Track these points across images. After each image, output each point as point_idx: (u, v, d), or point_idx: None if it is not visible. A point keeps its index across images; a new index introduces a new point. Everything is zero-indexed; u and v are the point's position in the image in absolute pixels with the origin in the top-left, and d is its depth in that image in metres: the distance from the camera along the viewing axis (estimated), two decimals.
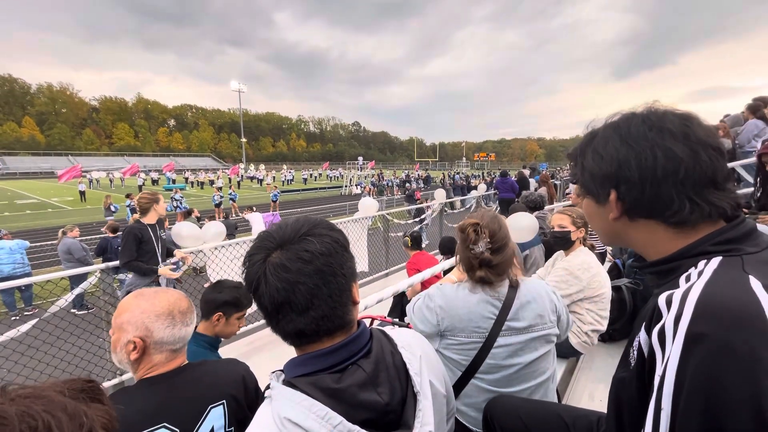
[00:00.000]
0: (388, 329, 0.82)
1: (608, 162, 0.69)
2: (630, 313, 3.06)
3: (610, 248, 4.54)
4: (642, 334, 0.62)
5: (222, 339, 1.77)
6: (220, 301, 1.68)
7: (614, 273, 3.69)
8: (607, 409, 0.77)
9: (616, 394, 0.72)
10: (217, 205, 17.91)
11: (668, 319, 0.56)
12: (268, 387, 0.69)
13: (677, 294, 0.58)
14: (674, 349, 0.53)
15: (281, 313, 0.67)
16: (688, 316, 0.53)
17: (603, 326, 2.31)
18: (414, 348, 0.79)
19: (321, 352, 0.69)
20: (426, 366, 0.79)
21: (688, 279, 0.61)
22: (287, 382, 0.67)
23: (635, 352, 0.65)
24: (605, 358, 2.84)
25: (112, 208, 13.63)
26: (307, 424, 0.59)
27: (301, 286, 0.66)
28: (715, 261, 0.60)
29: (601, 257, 3.68)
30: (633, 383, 0.64)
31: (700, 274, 0.59)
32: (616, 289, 2.94)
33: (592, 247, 2.52)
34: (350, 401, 0.64)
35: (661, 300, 0.60)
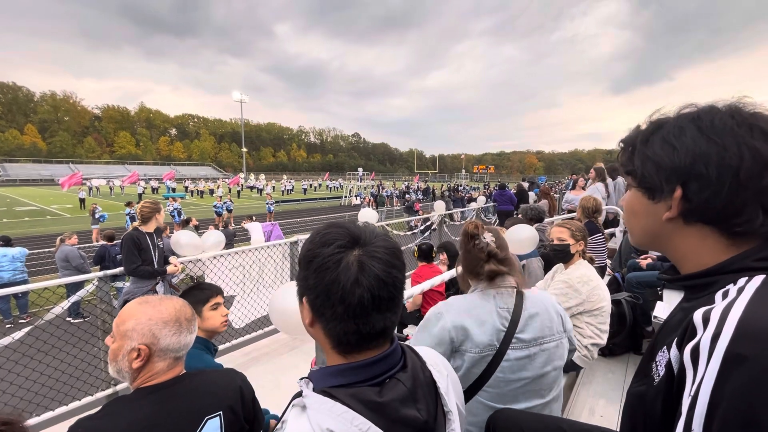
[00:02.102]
0: (416, 348, 0.80)
1: (682, 154, 0.61)
2: (630, 327, 3.04)
3: (610, 261, 4.55)
4: (673, 350, 0.59)
5: (216, 347, 1.81)
6: None
7: (614, 287, 3.69)
8: (620, 424, 0.74)
9: (632, 409, 0.69)
10: (219, 214, 17.92)
11: (704, 336, 0.53)
12: (297, 395, 0.66)
13: (716, 311, 0.54)
14: (710, 369, 0.50)
15: (365, 313, 0.64)
16: (727, 336, 0.50)
17: (603, 340, 2.29)
18: (441, 367, 0.78)
19: (361, 363, 0.67)
20: (451, 386, 0.78)
21: (725, 295, 0.57)
22: (324, 392, 0.64)
23: (661, 368, 0.61)
24: (605, 373, 2.82)
25: (96, 215, 13.57)
26: None
27: (390, 287, 0.65)
28: (758, 279, 0.56)
29: (601, 270, 3.67)
30: (658, 400, 0.61)
31: (740, 291, 0.55)
32: (616, 303, 2.94)
33: (591, 260, 2.52)
34: (391, 416, 0.63)
35: (697, 316, 0.56)
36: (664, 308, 2.68)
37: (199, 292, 1.79)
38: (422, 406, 0.67)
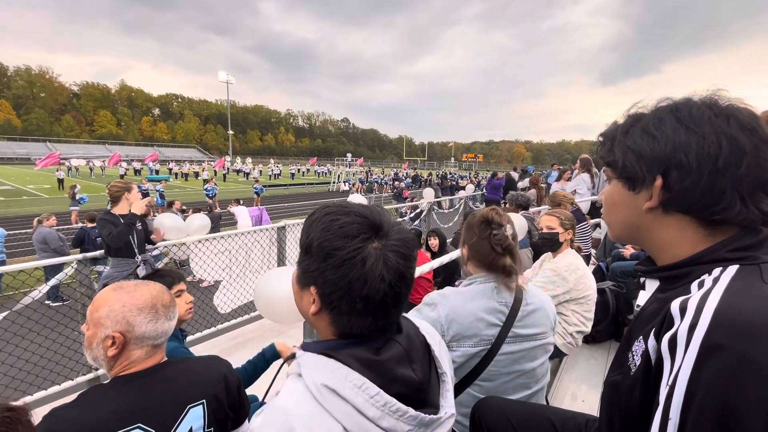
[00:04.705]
0: (408, 316, 0.80)
1: (663, 143, 0.62)
2: (613, 316, 3.11)
3: (594, 251, 4.62)
4: (650, 340, 0.59)
5: (186, 333, 1.81)
6: None
7: (598, 276, 3.75)
8: (599, 413, 0.75)
9: (608, 398, 0.70)
10: (210, 197, 17.54)
11: (681, 326, 0.53)
12: (290, 358, 0.67)
13: (692, 301, 0.55)
14: (687, 358, 0.51)
15: (385, 308, 0.63)
16: (704, 326, 0.51)
17: (587, 328, 2.33)
18: (432, 335, 0.78)
19: (362, 339, 0.65)
20: (443, 352, 0.78)
21: (701, 285, 0.58)
22: (320, 353, 0.62)
23: (637, 358, 0.62)
24: (588, 359, 2.89)
25: (77, 197, 13.10)
26: (344, 392, 0.57)
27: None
28: (732, 269, 0.58)
29: (586, 260, 3.73)
30: (635, 390, 0.61)
31: (715, 281, 0.57)
32: (600, 291, 2.98)
33: (578, 249, 2.54)
34: (387, 374, 0.62)
35: (674, 306, 0.57)
36: (646, 297, 2.74)
37: (159, 279, 1.71)
38: (417, 366, 0.67)
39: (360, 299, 0.61)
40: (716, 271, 0.58)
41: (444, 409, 0.69)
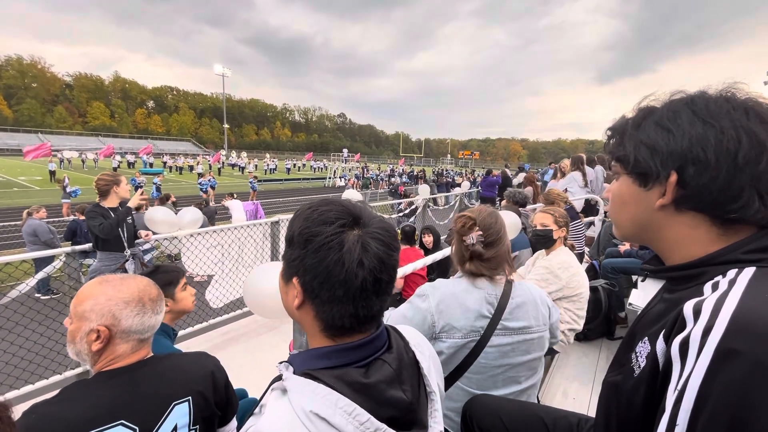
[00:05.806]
0: (398, 327, 0.78)
1: (679, 137, 0.59)
2: (605, 314, 3.12)
3: (588, 249, 4.64)
4: (659, 343, 0.57)
5: (176, 331, 1.79)
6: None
7: (590, 274, 3.76)
8: (596, 413, 0.74)
9: (607, 399, 0.69)
10: (205, 192, 17.39)
11: (695, 329, 0.51)
12: (276, 379, 0.63)
13: (707, 303, 0.52)
14: (699, 363, 0.48)
15: (366, 296, 0.62)
16: (720, 330, 0.48)
17: (579, 325, 2.33)
18: (423, 347, 0.77)
19: (350, 346, 0.64)
20: (433, 366, 0.77)
21: (715, 287, 0.55)
22: (306, 374, 0.61)
23: (642, 360, 0.60)
24: (579, 357, 2.90)
25: (68, 189, 12.91)
26: (334, 420, 0.55)
27: (390, 270, 0.64)
28: (749, 271, 0.55)
29: (579, 258, 3.74)
30: (638, 392, 0.59)
31: (731, 283, 0.54)
32: (592, 289, 3.00)
33: (572, 247, 2.54)
34: (378, 398, 0.60)
35: (687, 308, 0.54)
36: (639, 296, 2.75)
37: (165, 275, 1.70)
38: (407, 387, 0.66)
39: (339, 284, 0.60)
40: (731, 273, 0.56)
41: (432, 429, 0.68)
